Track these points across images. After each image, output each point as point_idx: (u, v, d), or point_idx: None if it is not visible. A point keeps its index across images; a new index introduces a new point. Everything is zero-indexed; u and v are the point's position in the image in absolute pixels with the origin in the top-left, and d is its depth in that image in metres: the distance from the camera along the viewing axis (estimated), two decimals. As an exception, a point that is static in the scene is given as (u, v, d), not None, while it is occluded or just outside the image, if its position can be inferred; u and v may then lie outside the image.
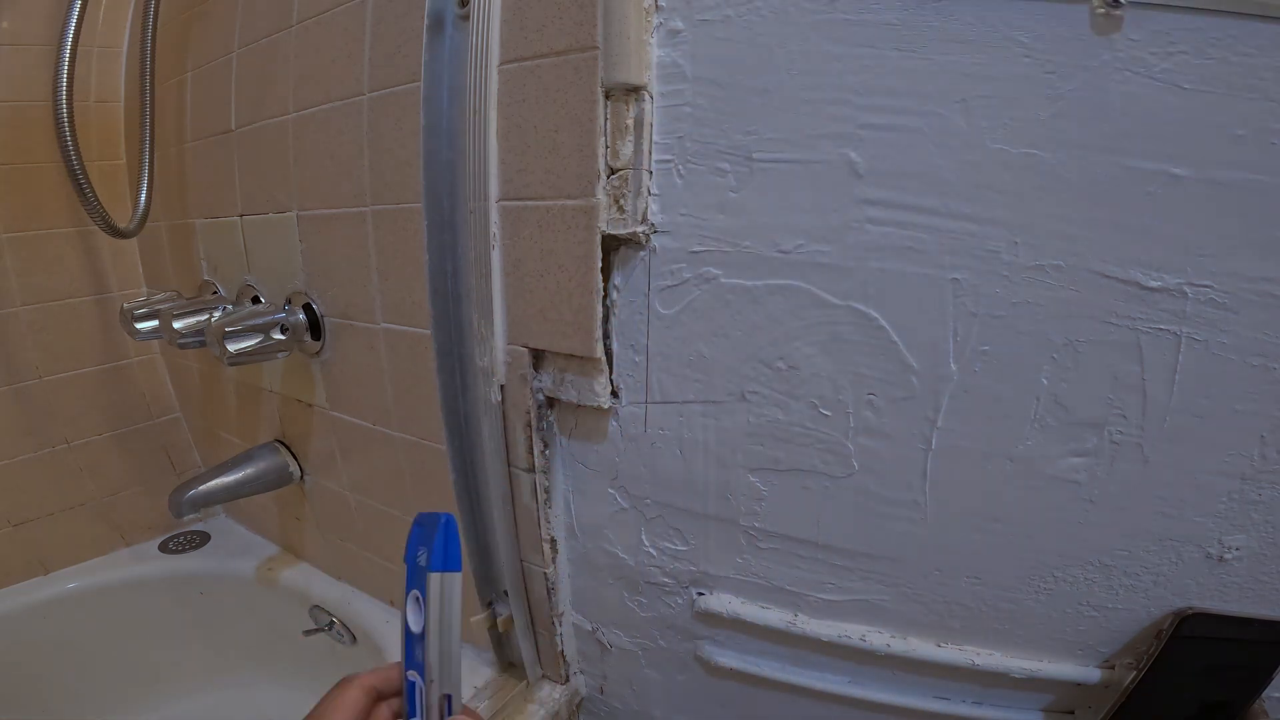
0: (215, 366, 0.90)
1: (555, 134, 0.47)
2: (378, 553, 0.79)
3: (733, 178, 0.45)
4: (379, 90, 0.57)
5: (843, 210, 0.42)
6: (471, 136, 0.51)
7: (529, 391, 0.55)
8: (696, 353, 0.50)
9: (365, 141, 0.59)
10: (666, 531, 0.57)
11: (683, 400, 0.51)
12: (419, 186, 0.53)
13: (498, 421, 0.58)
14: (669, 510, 0.56)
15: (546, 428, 0.58)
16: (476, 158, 0.51)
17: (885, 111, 0.40)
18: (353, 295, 0.66)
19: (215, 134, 0.76)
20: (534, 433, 0.57)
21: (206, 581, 0.95)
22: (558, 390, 0.55)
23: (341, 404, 0.72)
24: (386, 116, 0.57)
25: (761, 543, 0.53)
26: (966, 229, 0.40)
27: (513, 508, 0.61)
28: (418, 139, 0.52)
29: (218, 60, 0.73)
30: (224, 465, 0.80)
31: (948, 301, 0.42)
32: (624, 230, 0.47)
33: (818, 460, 0.49)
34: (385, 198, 0.59)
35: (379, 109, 0.58)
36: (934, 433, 0.45)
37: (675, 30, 0.44)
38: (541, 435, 0.57)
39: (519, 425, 0.58)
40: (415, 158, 0.53)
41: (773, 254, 0.45)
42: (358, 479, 0.76)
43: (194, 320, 0.75)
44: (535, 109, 0.48)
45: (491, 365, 0.55)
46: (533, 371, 0.55)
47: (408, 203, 0.57)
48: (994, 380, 0.42)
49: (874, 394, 0.45)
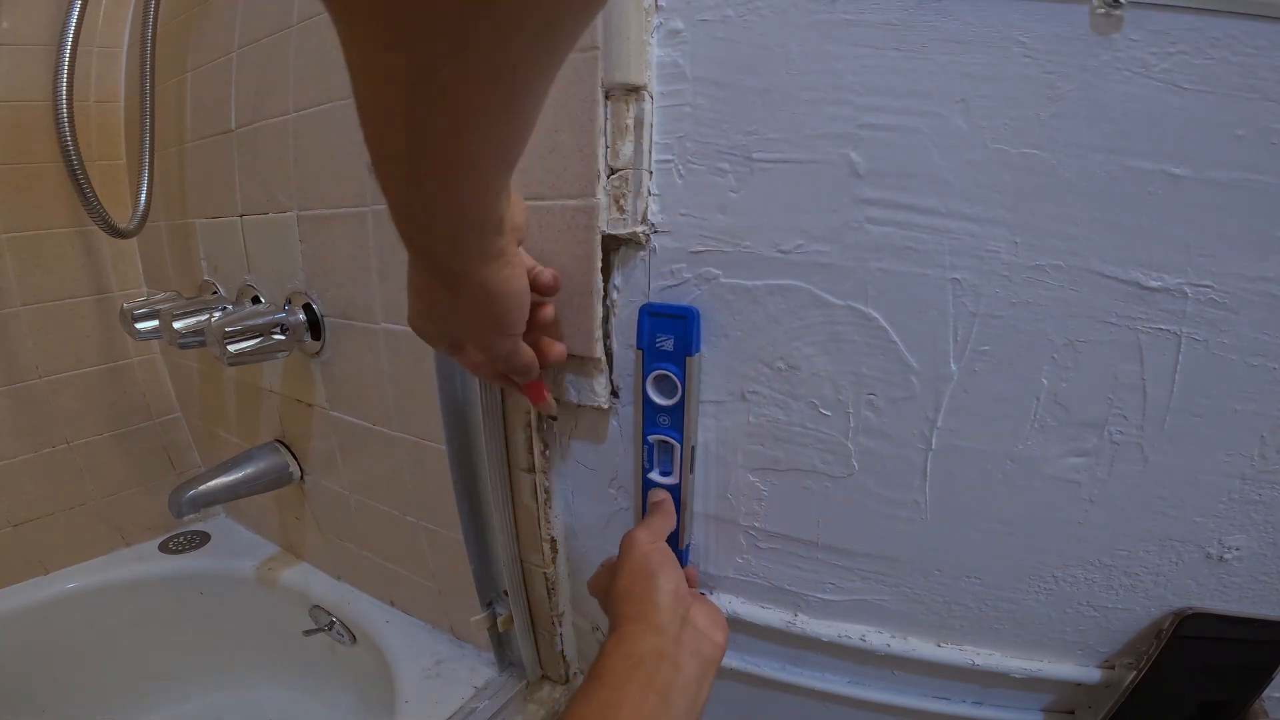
0: (215, 366, 0.91)
1: (555, 134, 0.47)
2: (378, 553, 0.79)
3: (733, 178, 0.45)
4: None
5: (842, 210, 0.42)
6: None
7: (529, 391, 0.55)
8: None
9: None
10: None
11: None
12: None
13: (498, 422, 0.58)
14: (669, 510, 0.56)
15: (546, 428, 0.58)
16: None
17: (885, 111, 0.40)
18: (353, 295, 0.66)
19: (215, 134, 0.76)
20: (534, 433, 0.57)
21: (206, 581, 0.95)
22: (557, 390, 0.55)
23: (341, 404, 0.72)
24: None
25: (761, 543, 0.53)
26: (966, 229, 0.40)
27: (513, 508, 0.61)
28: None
29: (218, 60, 0.73)
30: (224, 465, 0.80)
31: (948, 301, 0.42)
32: (624, 230, 0.47)
33: (818, 460, 0.49)
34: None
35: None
36: (934, 433, 0.45)
37: (675, 30, 0.44)
38: (541, 435, 0.57)
39: (519, 425, 0.58)
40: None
41: (773, 254, 0.45)
42: (358, 479, 0.76)
43: (194, 320, 0.75)
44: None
45: (491, 365, 0.55)
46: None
47: (408, 203, 0.57)
48: (994, 380, 0.42)
49: (874, 394, 0.45)
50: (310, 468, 0.82)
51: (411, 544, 0.72)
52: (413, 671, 0.71)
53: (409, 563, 0.75)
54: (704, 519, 0.54)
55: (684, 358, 0.48)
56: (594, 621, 0.66)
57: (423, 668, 0.72)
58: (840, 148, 0.41)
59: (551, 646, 0.68)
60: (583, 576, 0.64)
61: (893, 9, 0.39)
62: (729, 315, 0.47)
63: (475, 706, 0.66)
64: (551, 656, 0.69)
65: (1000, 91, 0.38)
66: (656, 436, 0.51)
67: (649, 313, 0.48)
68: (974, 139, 0.39)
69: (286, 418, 0.82)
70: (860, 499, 0.48)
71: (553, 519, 0.61)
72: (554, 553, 0.62)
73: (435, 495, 0.65)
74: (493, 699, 0.67)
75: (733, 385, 0.49)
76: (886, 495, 0.48)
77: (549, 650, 0.69)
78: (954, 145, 0.39)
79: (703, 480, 0.53)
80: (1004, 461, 0.44)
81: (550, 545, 0.61)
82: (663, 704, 0.37)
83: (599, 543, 0.61)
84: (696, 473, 0.52)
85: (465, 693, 0.68)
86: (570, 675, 0.70)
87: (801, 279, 0.45)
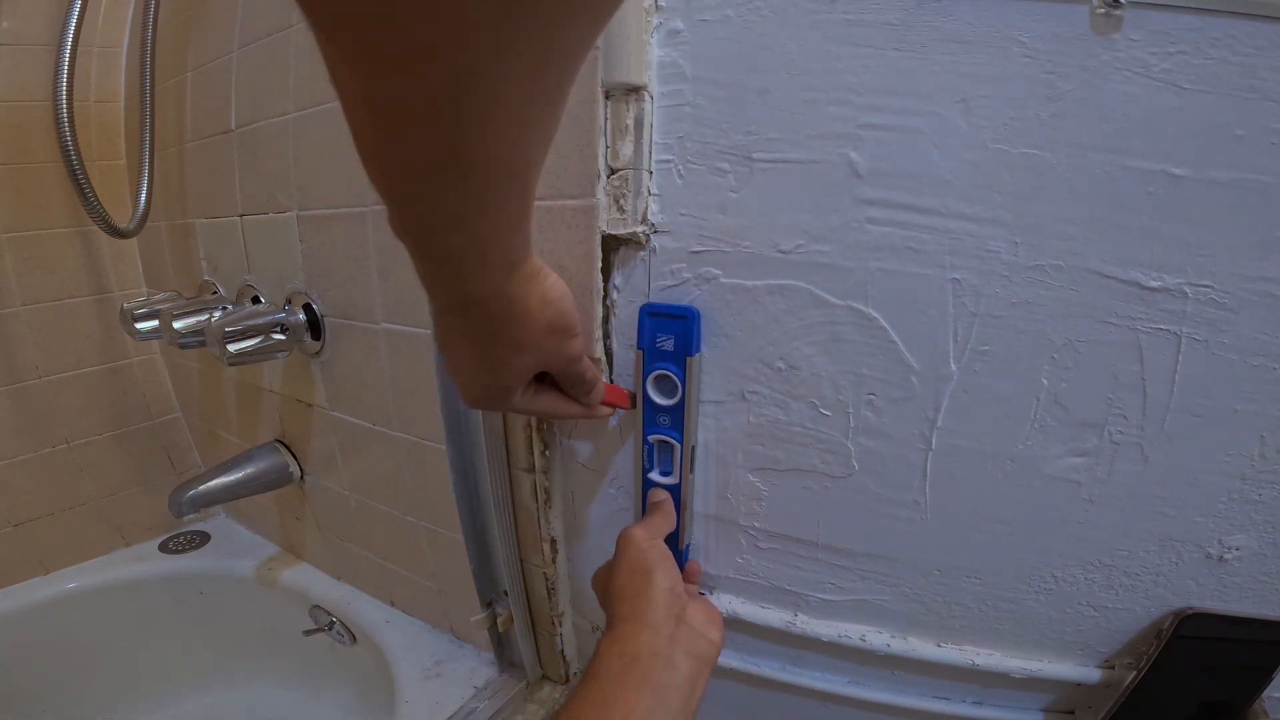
0: (215, 367, 0.91)
1: (556, 134, 0.47)
2: (378, 553, 0.79)
3: (733, 178, 0.45)
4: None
5: (843, 210, 0.42)
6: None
7: (529, 391, 0.55)
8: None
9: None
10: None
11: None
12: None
13: (498, 421, 0.58)
14: (669, 510, 0.56)
15: (546, 428, 0.58)
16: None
17: (885, 111, 0.40)
18: (353, 295, 0.66)
19: (216, 134, 0.76)
20: (534, 433, 0.57)
21: (206, 581, 0.95)
22: (558, 390, 0.55)
23: (341, 404, 0.72)
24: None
25: (761, 542, 0.53)
26: (966, 229, 0.40)
27: (512, 508, 0.61)
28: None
29: (218, 60, 0.73)
30: (224, 465, 0.80)
31: (948, 301, 0.42)
32: (624, 230, 0.47)
33: (818, 460, 0.49)
34: (385, 197, 0.59)
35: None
36: (934, 433, 0.45)
37: (675, 30, 0.44)
38: (541, 435, 0.57)
39: (519, 425, 0.58)
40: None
41: (773, 254, 0.45)
42: (357, 479, 0.76)
43: (194, 320, 0.75)
44: (535, 109, 0.48)
45: (491, 365, 0.55)
46: (533, 371, 0.55)
47: (408, 203, 0.57)
48: (994, 380, 0.42)
49: (874, 394, 0.45)
50: (310, 468, 0.82)
51: (411, 544, 0.72)
52: (413, 671, 0.71)
53: (409, 563, 0.75)
54: (704, 519, 0.54)
55: (684, 358, 0.48)
56: (594, 621, 0.66)
57: (423, 668, 0.72)
58: (840, 147, 0.41)
59: (552, 646, 0.68)
60: (583, 576, 0.64)
61: (893, 9, 0.39)
62: (729, 315, 0.47)
63: (475, 706, 0.66)
64: (552, 656, 0.69)
65: (1000, 91, 0.38)
66: (657, 436, 0.51)
67: (649, 313, 0.48)
68: (974, 139, 0.39)
69: (286, 418, 0.82)
70: (860, 499, 0.48)
71: (552, 519, 0.61)
72: (554, 553, 0.62)
73: (435, 495, 0.65)
74: (493, 699, 0.67)
75: (733, 385, 0.49)
76: (886, 495, 0.48)
77: (549, 650, 0.69)
78: (954, 145, 0.39)
79: (703, 480, 0.53)
80: (1004, 461, 0.44)
81: (550, 545, 0.61)
82: (657, 701, 0.37)
83: (599, 542, 0.61)
84: (696, 473, 0.52)
85: (465, 693, 0.68)
86: (570, 675, 0.70)
87: (802, 279, 0.45)
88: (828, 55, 0.40)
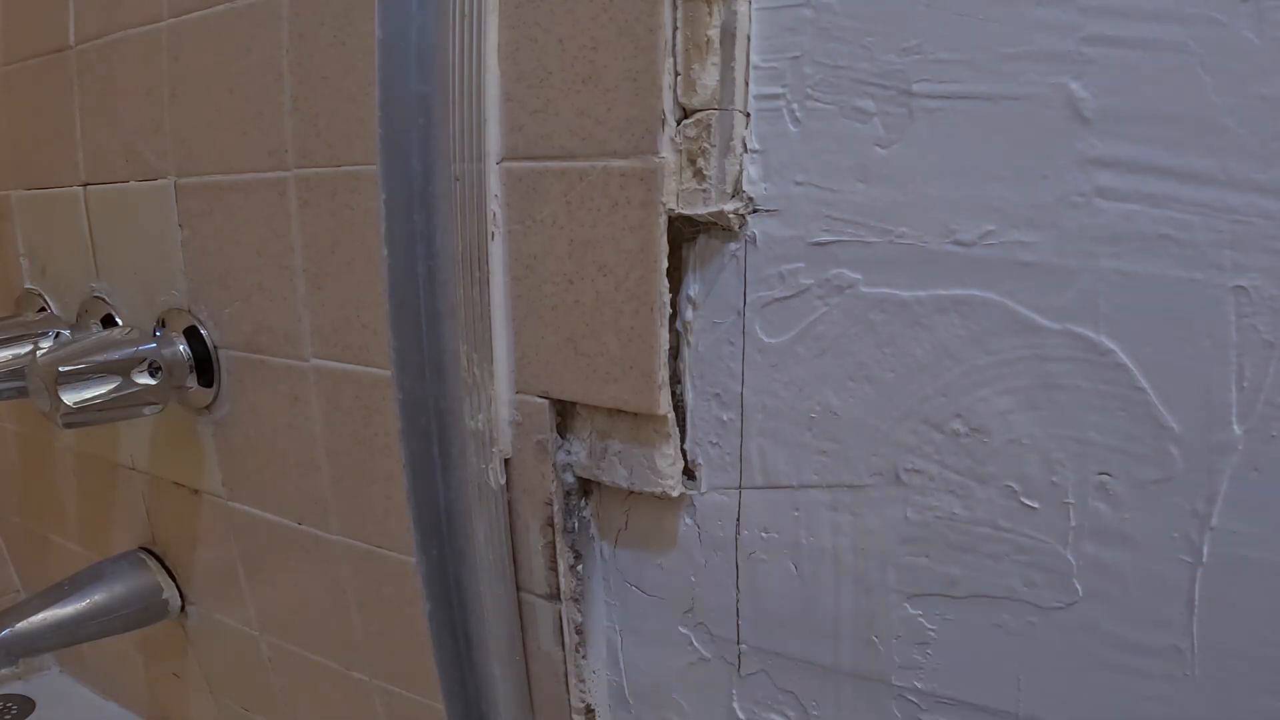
0: (44, 429, 0.92)
1: (592, 52, 0.48)
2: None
3: (880, 124, 0.45)
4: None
5: (1058, 176, 0.42)
6: (457, 56, 0.51)
7: (551, 469, 0.55)
8: (822, 407, 0.50)
9: (286, 63, 0.60)
10: (773, 696, 0.56)
11: (800, 484, 0.51)
12: (373, 138, 0.53)
13: (500, 518, 0.58)
14: (778, 662, 0.55)
15: (579, 528, 0.58)
16: (464, 92, 0.52)
17: (1126, 17, 0.40)
18: (265, 314, 0.66)
19: (44, 53, 0.77)
20: (558, 536, 0.57)
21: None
22: (597, 468, 0.55)
23: (247, 490, 0.73)
24: (321, 23, 0.58)
25: (927, 713, 0.52)
26: (1259, 207, 0.40)
27: (524, 656, 0.61)
28: (371, 59, 0.52)
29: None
30: (58, 589, 0.81)
31: (1229, 324, 0.41)
32: (704, 209, 0.48)
33: (1018, 581, 0.48)
34: (317, 156, 0.60)
35: (308, 9, 0.58)
36: (1206, 535, 0.44)
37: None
38: (570, 540, 0.57)
39: (534, 524, 0.58)
40: (367, 90, 0.54)
41: (946, 246, 0.45)
42: (273, 612, 0.76)
43: (7, 355, 0.77)
44: (559, 12, 0.49)
45: (490, 427, 0.56)
46: (556, 437, 0.55)
47: (354, 164, 0.58)
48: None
49: (1109, 473, 0.45)
50: (196, 594, 0.83)
51: (361, 716, 0.72)
52: None
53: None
54: (835, 675, 0.54)
55: None
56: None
57: None
58: (1055, 75, 0.42)
59: None
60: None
61: None
62: (874, 346, 0.47)
63: None
64: None
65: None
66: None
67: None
68: (1272, 62, 0.39)
69: (158, 512, 0.82)
70: (1086, 643, 0.48)
71: (589, 675, 0.60)
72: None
73: (399, 638, 0.65)
74: None
75: (879, 459, 0.49)
76: (1128, 638, 0.47)
77: None
78: (1238, 72, 0.39)
79: (832, 611, 0.52)
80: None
81: (585, 717, 0.61)
82: None
83: (665, 714, 0.60)
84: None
85: None
86: None
87: (992, 288, 0.44)
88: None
